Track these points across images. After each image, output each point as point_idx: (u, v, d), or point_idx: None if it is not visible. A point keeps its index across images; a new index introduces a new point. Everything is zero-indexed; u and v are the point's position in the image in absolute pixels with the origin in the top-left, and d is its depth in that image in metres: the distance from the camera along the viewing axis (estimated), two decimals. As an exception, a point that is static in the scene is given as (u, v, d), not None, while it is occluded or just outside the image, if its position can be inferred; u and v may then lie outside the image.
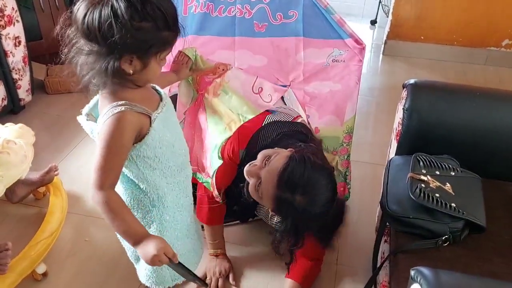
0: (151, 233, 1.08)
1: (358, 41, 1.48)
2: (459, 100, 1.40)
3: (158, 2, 0.90)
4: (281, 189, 1.15)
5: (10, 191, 1.69)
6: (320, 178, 1.18)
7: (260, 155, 1.23)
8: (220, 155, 1.36)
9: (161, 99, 1.08)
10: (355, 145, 2.25)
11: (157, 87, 1.12)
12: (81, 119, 1.09)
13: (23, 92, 2.27)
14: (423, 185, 1.23)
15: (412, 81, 1.44)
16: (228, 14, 1.43)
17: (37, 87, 2.45)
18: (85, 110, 1.10)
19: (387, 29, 3.01)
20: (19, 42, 2.15)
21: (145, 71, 0.96)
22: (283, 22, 1.44)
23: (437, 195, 1.21)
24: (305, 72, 1.52)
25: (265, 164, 1.20)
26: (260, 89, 1.49)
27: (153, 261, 0.97)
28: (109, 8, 0.87)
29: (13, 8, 2.07)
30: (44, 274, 1.56)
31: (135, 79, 0.96)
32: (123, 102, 0.96)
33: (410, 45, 2.97)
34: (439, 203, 1.19)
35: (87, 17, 0.88)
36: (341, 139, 1.68)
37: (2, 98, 2.16)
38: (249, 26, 1.45)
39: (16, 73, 2.18)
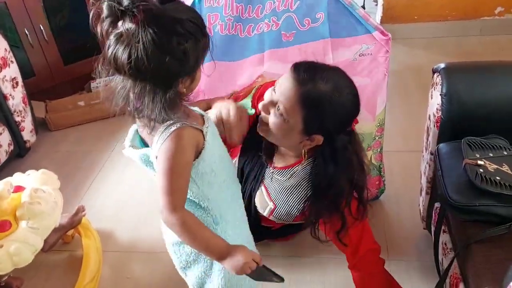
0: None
1: (384, 33, 1.46)
2: (494, 77, 1.37)
3: (189, 15, 0.87)
4: (302, 84, 1.05)
5: (41, 240, 1.62)
6: (328, 66, 1.12)
7: (266, 93, 1.14)
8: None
9: (201, 115, 1.05)
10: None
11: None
12: (128, 151, 1.04)
13: (28, 134, 2.18)
14: (481, 169, 1.20)
15: (442, 65, 1.41)
16: (257, 32, 1.40)
17: (39, 125, 2.35)
18: (127, 142, 1.05)
19: (379, 13, 2.99)
20: (17, 83, 2.06)
21: (193, 83, 0.95)
22: (311, 27, 1.41)
23: (497, 178, 1.18)
24: None
25: (274, 91, 1.11)
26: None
27: (244, 269, 0.97)
28: (152, 42, 0.81)
29: (5, 49, 1.98)
30: (92, 321, 1.50)
31: (187, 94, 0.95)
32: (176, 119, 0.92)
33: (405, 26, 2.96)
34: (503, 186, 1.15)
35: (132, 59, 0.82)
36: (374, 133, 1.65)
37: (8, 144, 2.07)
38: (276, 37, 1.42)
39: (18, 115, 2.09)
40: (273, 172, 1.31)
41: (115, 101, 0.90)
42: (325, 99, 1.06)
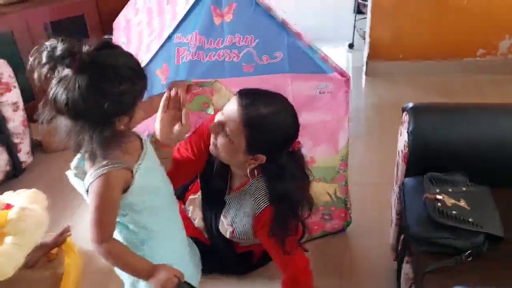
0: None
1: (342, 74, 1.53)
2: (459, 117, 1.48)
3: (125, 61, 0.97)
4: (244, 108, 1.18)
5: (24, 256, 1.68)
6: (270, 92, 1.25)
7: (216, 115, 1.27)
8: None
9: (142, 147, 1.12)
10: (350, 167, 2.28)
11: (138, 132, 1.15)
12: (70, 174, 1.12)
13: (24, 155, 2.28)
14: (439, 204, 1.29)
15: (411, 104, 1.52)
16: (218, 58, 1.48)
17: (35, 147, 2.45)
18: (74, 163, 1.13)
19: (366, 50, 3.13)
20: (17, 107, 2.17)
21: (132, 120, 1.04)
22: (270, 62, 1.48)
23: (454, 212, 1.27)
24: (294, 103, 1.49)
25: (223, 113, 1.24)
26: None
27: (167, 284, 1.06)
28: (86, 86, 0.91)
29: (9, 75, 2.10)
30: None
31: (126, 130, 1.03)
32: (105, 162, 1.00)
33: (390, 64, 3.09)
34: (458, 219, 1.25)
35: (69, 101, 0.91)
36: (337, 167, 1.72)
37: (5, 164, 2.16)
38: (237, 68, 1.49)
39: (17, 138, 2.19)
40: (229, 197, 1.42)
41: (58, 137, 0.98)
42: (265, 121, 1.19)
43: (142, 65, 1.25)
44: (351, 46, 3.57)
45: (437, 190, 1.35)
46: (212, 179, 1.44)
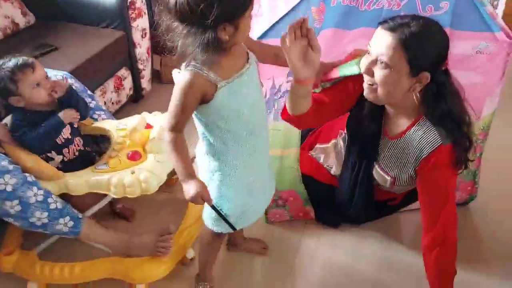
0: (213, 180, 1.23)
1: (509, 35, 1.41)
2: None
3: None
4: (396, 30, 1.17)
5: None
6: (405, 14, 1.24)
7: (362, 61, 1.26)
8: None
9: (243, 67, 1.12)
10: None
11: (250, 54, 1.16)
12: (175, 72, 1.19)
13: (145, 82, 2.36)
14: None
15: None
16: (377, 6, 1.39)
17: (153, 76, 2.53)
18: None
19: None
20: (145, 34, 2.23)
21: (238, 32, 1.03)
22: (432, 14, 1.37)
23: None
24: None
25: (369, 53, 1.23)
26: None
27: (192, 200, 1.12)
28: None
29: (142, 1, 2.14)
30: (192, 259, 1.63)
31: (231, 42, 1.04)
32: (197, 64, 1.05)
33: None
34: None
35: (178, 4, 0.97)
36: (475, 134, 1.59)
37: (130, 88, 2.25)
38: None
39: (141, 64, 2.27)
40: (386, 144, 1.39)
41: (172, 39, 1.03)
42: (421, 34, 1.16)
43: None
44: None
45: None
46: (362, 124, 1.40)
